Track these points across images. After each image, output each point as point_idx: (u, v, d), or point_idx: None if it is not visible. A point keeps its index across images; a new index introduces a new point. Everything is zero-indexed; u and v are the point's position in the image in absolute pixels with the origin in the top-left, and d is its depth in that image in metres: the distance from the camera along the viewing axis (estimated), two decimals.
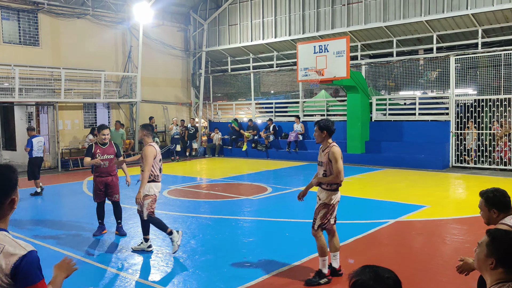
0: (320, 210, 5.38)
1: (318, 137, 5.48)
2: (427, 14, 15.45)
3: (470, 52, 14.94)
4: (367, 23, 16.81)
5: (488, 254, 2.28)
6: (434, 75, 16.07)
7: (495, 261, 2.24)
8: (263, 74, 20.96)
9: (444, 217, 8.46)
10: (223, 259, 6.20)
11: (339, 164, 5.23)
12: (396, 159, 15.54)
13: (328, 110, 18.67)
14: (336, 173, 5.24)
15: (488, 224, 3.38)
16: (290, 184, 12.27)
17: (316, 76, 15.22)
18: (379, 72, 17.23)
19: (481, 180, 12.61)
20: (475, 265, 2.44)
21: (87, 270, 5.85)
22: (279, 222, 8.30)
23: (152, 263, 6.15)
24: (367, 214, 8.80)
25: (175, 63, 21.85)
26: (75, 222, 8.51)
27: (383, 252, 6.52)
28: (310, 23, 18.40)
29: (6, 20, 16.19)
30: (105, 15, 18.68)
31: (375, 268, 1.75)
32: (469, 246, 6.41)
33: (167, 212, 9.11)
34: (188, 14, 21.97)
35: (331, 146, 5.37)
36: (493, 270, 2.26)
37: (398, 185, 12.16)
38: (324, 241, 5.40)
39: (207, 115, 22.83)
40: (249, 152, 19.67)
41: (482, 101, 14.57)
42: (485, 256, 2.30)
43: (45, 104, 16.93)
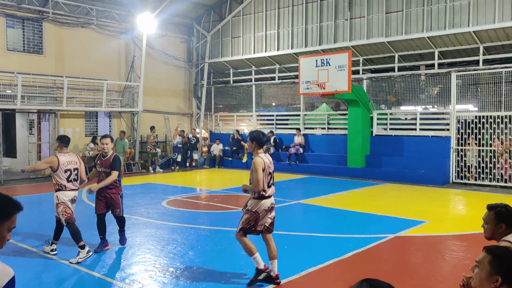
0: (244, 215, 5.65)
1: (249, 147, 5.78)
2: (429, 30, 15.56)
3: (471, 69, 15.01)
4: (369, 38, 16.92)
5: (493, 272, 2.25)
6: (435, 91, 16.12)
7: (501, 279, 2.21)
8: (265, 86, 21.04)
9: (444, 233, 8.42)
10: (221, 271, 6.16)
11: (258, 174, 5.44)
12: (397, 174, 15.51)
13: (329, 123, 18.71)
14: (255, 182, 5.47)
15: (489, 238, 3.34)
16: (290, 197, 12.24)
17: (317, 90, 15.27)
18: (380, 87, 17.29)
19: (482, 196, 12.57)
20: (474, 283, 2.40)
21: (80, 279, 5.81)
22: (278, 234, 8.24)
23: (149, 273, 6.11)
24: (367, 229, 8.76)
25: (177, 73, 21.95)
26: None
27: (382, 267, 6.48)
28: (313, 37, 18.52)
29: (10, 28, 16.31)
30: (109, 25, 18.82)
31: (373, 282, 1.75)
32: (469, 263, 6.36)
33: (166, 223, 9.08)
34: (192, 25, 22.13)
35: (255, 157, 5.60)
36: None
37: (398, 200, 12.12)
38: (247, 242, 5.60)
39: (208, 126, 22.87)
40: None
41: (482, 118, 14.59)
42: (488, 274, 2.26)
43: (46, 112, 16.97)
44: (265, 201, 5.57)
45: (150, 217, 9.68)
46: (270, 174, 5.63)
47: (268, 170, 5.58)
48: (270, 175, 5.62)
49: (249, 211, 5.60)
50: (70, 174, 6.87)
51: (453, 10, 15.09)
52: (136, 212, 10.05)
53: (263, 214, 5.57)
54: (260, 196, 5.55)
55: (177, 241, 7.70)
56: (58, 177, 6.81)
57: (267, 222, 5.63)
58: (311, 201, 11.71)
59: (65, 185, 6.82)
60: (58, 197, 6.80)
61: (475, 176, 14.73)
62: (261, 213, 5.56)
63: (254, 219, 5.56)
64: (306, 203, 11.43)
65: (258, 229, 5.61)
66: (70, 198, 6.87)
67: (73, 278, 5.88)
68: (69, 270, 6.21)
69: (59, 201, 6.79)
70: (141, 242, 7.56)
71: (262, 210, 5.56)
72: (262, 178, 5.44)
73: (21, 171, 7.48)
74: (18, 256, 6.76)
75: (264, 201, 5.56)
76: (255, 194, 5.56)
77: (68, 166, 6.87)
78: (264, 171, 5.49)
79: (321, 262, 6.44)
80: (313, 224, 9.30)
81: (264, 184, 5.49)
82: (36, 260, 6.67)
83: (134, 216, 9.61)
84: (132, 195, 12.62)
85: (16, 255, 6.80)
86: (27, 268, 6.32)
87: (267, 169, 5.54)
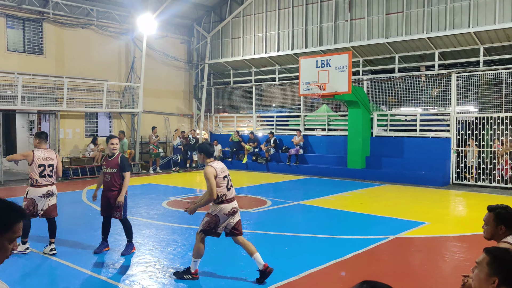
0: (205, 217, 5.87)
1: (199, 158, 6.12)
2: (429, 31, 15.56)
3: (472, 70, 15.01)
4: (369, 39, 16.92)
5: (491, 273, 2.25)
6: (436, 92, 16.12)
7: (498, 280, 2.22)
8: (265, 87, 21.04)
9: (444, 234, 8.42)
10: (221, 271, 6.16)
11: (210, 182, 5.66)
12: (397, 175, 15.50)
13: (329, 124, 18.71)
14: (208, 191, 5.72)
15: (489, 239, 3.34)
16: (290, 198, 12.24)
17: (317, 91, 15.27)
18: (380, 88, 17.29)
19: (482, 198, 12.57)
20: (474, 284, 2.41)
21: (80, 280, 5.81)
22: (278, 235, 8.26)
23: (149, 274, 6.11)
24: (367, 230, 8.75)
25: (177, 74, 21.96)
26: (72, 232, 8.46)
27: (382, 268, 6.47)
28: (313, 38, 18.53)
29: (11, 29, 16.32)
30: (110, 26, 18.84)
31: (373, 283, 1.75)
32: (469, 264, 6.36)
33: (166, 224, 9.08)
34: (192, 26, 22.15)
35: (206, 167, 5.84)
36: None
37: (398, 201, 12.12)
38: (201, 246, 5.81)
39: (208, 126, 22.87)
40: (249, 165, 19.65)
41: (483, 119, 14.59)
42: (486, 275, 2.27)
43: (47, 113, 16.98)
44: (225, 206, 5.77)
45: (150, 218, 9.67)
46: (226, 177, 5.86)
47: (223, 175, 5.80)
48: (226, 178, 5.85)
49: (209, 214, 5.81)
50: (43, 170, 7.00)
51: (454, 11, 15.09)
52: (136, 213, 10.05)
53: (223, 218, 5.78)
54: (221, 201, 5.75)
55: (177, 242, 7.70)
56: (32, 172, 6.98)
57: (229, 226, 5.84)
58: (311, 202, 11.70)
59: (37, 180, 6.97)
60: (27, 193, 7.01)
61: (475, 177, 14.72)
62: (221, 217, 5.77)
63: (214, 222, 5.77)
64: (306, 204, 11.43)
65: (219, 231, 5.84)
66: (42, 193, 7.00)
67: (73, 279, 5.88)
68: (69, 271, 6.21)
69: (26, 196, 6.99)
70: (141, 243, 7.56)
71: (222, 214, 5.76)
72: (215, 185, 5.68)
73: None
74: (15, 256, 6.76)
75: (224, 205, 5.77)
76: (217, 200, 5.74)
77: (43, 161, 7.00)
78: (218, 177, 5.72)
79: (321, 263, 6.44)
80: (313, 225, 9.29)
81: (223, 189, 5.74)
82: (35, 261, 6.67)
83: (134, 217, 9.60)
84: (132, 196, 12.59)
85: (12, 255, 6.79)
86: (25, 268, 6.32)
87: (220, 175, 5.76)
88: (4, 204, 1.90)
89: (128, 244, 7.11)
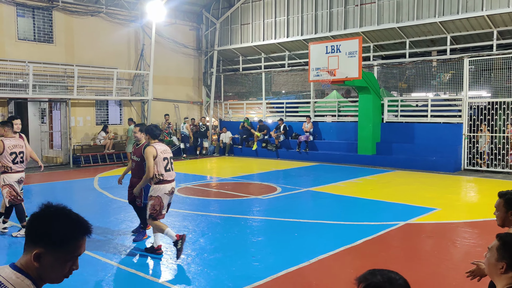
0: (149, 202, 6.21)
1: (144, 139, 6.68)
2: (441, 15, 15.31)
3: (485, 54, 14.78)
4: (380, 24, 16.71)
5: (499, 258, 2.26)
6: (447, 77, 15.92)
7: (506, 265, 2.22)
8: (275, 73, 20.94)
9: (455, 220, 8.38)
10: (232, 258, 6.21)
11: (148, 161, 6.07)
12: (407, 161, 15.42)
13: (340, 110, 18.60)
14: (146, 170, 6.13)
15: (502, 226, 3.32)
16: (300, 185, 12.25)
17: (327, 77, 15.17)
18: (391, 73, 17.11)
19: (494, 183, 12.47)
20: (485, 270, 2.42)
21: (94, 267, 5.90)
22: (288, 222, 8.29)
23: (161, 261, 6.18)
24: (377, 216, 8.75)
25: (187, 61, 21.93)
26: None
27: (393, 255, 6.48)
28: (323, 23, 18.34)
29: (21, 17, 16.38)
30: (119, 13, 18.82)
31: (382, 271, 1.75)
32: (480, 250, 6.34)
33: (177, 210, 9.15)
34: (201, 13, 22.03)
35: (148, 146, 6.26)
36: (503, 274, 2.24)
37: (408, 187, 12.07)
38: (157, 223, 6.18)
39: (217, 114, 22.88)
40: (259, 152, 19.67)
41: (496, 104, 14.40)
42: (495, 260, 2.27)
43: (58, 101, 17.10)
44: (165, 186, 6.17)
45: None
46: (166, 159, 6.20)
47: (163, 156, 6.16)
48: (166, 160, 6.20)
49: (152, 197, 6.15)
50: (15, 157, 7.24)
51: None
52: None
53: (165, 197, 6.20)
54: (159, 181, 6.13)
55: (188, 228, 7.77)
56: (5, 160, 7.16)
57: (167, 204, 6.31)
58: (321, 188, 11.71)
59: (11, 167, 7.20)
60: (4, 180, 7.18)
61: (487, 163, 14.59)
62: (163, 196, 6.17)
63: (158, 203, 6.12)
64: (316, 191, 11.44)
65: (163, 212, 6.24)
66: (17, 179, 7.26)
67: (84, 264, 5.97)
68: (82, 257, 6.30)
69: (4, 183, 7.18)
70: (152, 230, 7.63)
71: (163, 194, 6.16)
72: (152, 165, 6.06)
73: None
74: None
75: (164, 185, 6.16)
76: (154, 180, 6.13)
77: (14, 149, 7.24)
78: (157, 158, 6.09)
79: (331, 249, 6.46)
80: (323, 211, 9.31)
81: (161, 169, 6.11)
82: None
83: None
84: None
85: None
86: None
87: (160, 155, 6.13)
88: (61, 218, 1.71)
89: (141, 231, 7.18)
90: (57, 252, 1.66)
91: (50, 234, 1.66)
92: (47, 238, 1.66)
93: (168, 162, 6.21)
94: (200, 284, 5.31)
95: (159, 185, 6.13)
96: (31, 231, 1.69)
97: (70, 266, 1.72)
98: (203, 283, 5.32)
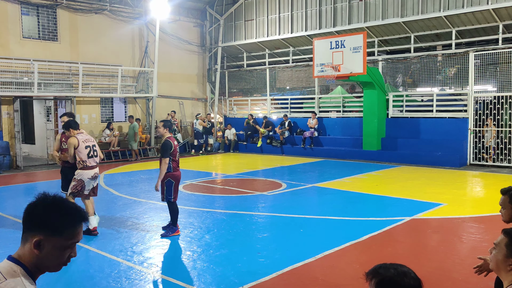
0: (72, 182, 7.11)
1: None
2: (446, 9, 15.21)
3: (490, 48, 14.68)
4: (384, 18, 16.63)
5: (509, 254, 2.23)
6: (453, 71, 15.83)
7: None
8: (279, 69, 20.90)
9: (461, 215, 8.36)
10: (237, 254, 6.23)
11: (69, 150, 7.05)
12: (413, 156, 15.38)
13: (344, 106, 18.56)
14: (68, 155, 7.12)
15: (508, 222, 3.31)
16: (305, 181, 12.25)
17: (332, 72, 15.13)
18: (396, 68, 17.04)
19: (500, 178, 12.41)
20: (491, 266, 2.40)
21: (100, 263, 5.93)
22: (294, 218, 8.29)
23: (167, 257, 6.20)
24: (383, 211, 8.74)
25: (191, 58, 21.94)
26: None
27: (399, 250, 6.47)
28: (327, 19, 18.27)
29: (25, 16, 16.43)
30: (123, 11, 18.83)
31: (394, 265, 1.75)
32: (487, 245, 6.32)
33: (182, 207, 9.16)
34: (205, 9, 22.01)
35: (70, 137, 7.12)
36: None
37: (414, 182, 12.04)
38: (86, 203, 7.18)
39: (222, 110, 22.88)
40: (264, 148, 19.67)
41: (502, 98, 14.31)
42: (504, 256, 2.25)
43: (63, 99, 17.16)
44: (88, 171, 7.08)
45: None
46: (89, 147, 7.06)
47: (84, 145, 7.03)
48: (89, 148, 7.06)
49: (75, 179, 7.06)
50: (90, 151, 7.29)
51: None
52: (153, 197, 10.17)
53: (88, 181, 7.10)
54: (83, 167, 7.04)
55: (194, 224, 7.79)
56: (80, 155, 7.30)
57: (90, 188, 7.18)
58: (326, 184, 11.70)
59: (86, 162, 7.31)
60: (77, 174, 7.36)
61: (493, 158, 14.52)
62: (86, 181, 7.08)
63: (80, 185, 7.05)
64: (321, 187, 11.43)
65: (85, 193, 7.13)
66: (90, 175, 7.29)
67: (92, 262, 6.00)
68: (88, 253, 6.34)
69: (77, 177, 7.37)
70: (158, 226, 7.66)
71: (86, 178, 7.07)
72: (72, 153, 7.01)
73: None
74: None
75: (87, 171, 7.07)
76: (79, 165, 7.01)
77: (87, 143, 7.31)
78: (80, 147, 6.97)
79: (337, 245, 6.46)
80: (328, 207, 9.31)
81: (84, 156, 7.00)
82: None
83: (151, 201, 9.74)
84: (148, 180, 12.76)
85: None
86: None
87: (82, 145, 6.99)
88: (58, 206, 1.74)
89: (170, 227, 7.14)
90: (57, 238, 1.71)
91: (50, 221, 1.70)
92: (46, 225, 1.70)
93: (90, 149, 7.04)
94: (206, 280, 5.33)
95: (83, 170, 7.03)
96: (30, 220, 1.73)
97: (69, 253, 1.76)
98: (209, 279, 5.34)
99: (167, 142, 7.01)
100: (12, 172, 14.85)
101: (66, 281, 5.31)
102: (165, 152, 6.97)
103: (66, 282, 5.30)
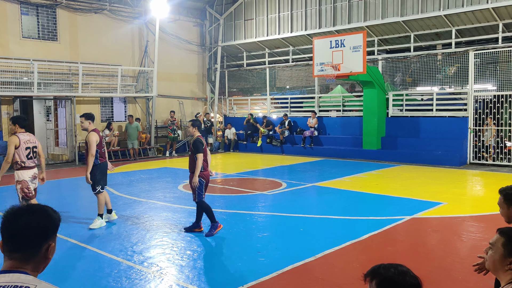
0: (16, 186, 7.04)
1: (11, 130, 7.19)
2: (446, 8, 15.21)
3: (490, 47, 14.67)
4: (384, 18, 16.62)
5: (506, 254, 2.23)
6: (452, 70, 15.83)
7: None
8: (279, 69, 20.90)
9: (461, 214, 8.36)
10: (237, 253, 6.22)
11: (9, 149, 6.85)
12: (413, 156, 15.38)
13: (344, 105, 18.56)
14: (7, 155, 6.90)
15: (509, 222, 3.31)
16: (305, 180, 12.25)
17: (332, 71, 15.12)
18: (396, 67, 17.04)
19: (500, 177, 12.42)
20: (488, 265, 2.38)
21: (100, 263, 5.93)
22: (294, 217, 8.29)
23: (167, 256, 6.21)
24: (383, 211, 8.74)
25: (191, 58, 21.93)
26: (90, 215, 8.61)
27: (399, 249, 6.47)
28: (327, 18, 18.27)
29: (25, 15, 16.42)
30: (122, 10, 18.83)
31: (394, 265, 1.75)
32: (487, 244, 6.29)
33: (183, 206, 9.18)
34: (204, 9, 22.01)
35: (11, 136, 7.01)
36: (510, 270, 2.22)
37: (414, 181, 12.04)
38: None
39: (222, 110, 22.88)
40: (264, 148, 19.67)
41: (502, 97, 14.31)
42: (502, 256, 2.25)
43: (63, 98, 17.16)
44: (27, 171, 7.01)
45: (167, 201, 9.79)
46: (29, 148, 6.97)
47: (25, 146, 6.92)
48: (29, 149, 6.97)
49: (18, 181, 6.99)
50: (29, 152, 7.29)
51: None
52: (153, 196, 10.18)
53: (30, 180, 7.02)
54: (21, 167, 6.96)
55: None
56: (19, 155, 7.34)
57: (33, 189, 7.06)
58: (326, 183, 11.70)
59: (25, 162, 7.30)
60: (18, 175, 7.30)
61: (493, 157, 14.52)
62: (28, 180, 7.00)
63: (26, 186, 6.98)
64: (321, 186, 11.43)
65: (30, 195, 7.03)
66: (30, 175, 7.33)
67: (93, 262, 6.00)
68: (88, 253, 6.34)
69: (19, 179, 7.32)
70: (158, 226, 7.67)
71: (27, 177, 7.00)
72: (12, 152, 6.82)
73: None
74: None
75: (26, 171, 7.00)
76: (16, 166, 6.92)
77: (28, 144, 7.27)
78: (20, 147, 6.84)
79: (337, 244, 6.46)
80: (328, 206, 9.31)
81: (23, 157, 6.91)
82: None
83: (151, 200, 9.74)
84: (148, 179, 12.77)
85: None
86: None
87: (23, 145, 6.87)
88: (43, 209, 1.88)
89: (212, 225, 7.13)
90: (55, 238, 1.86)
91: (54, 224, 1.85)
92: (54, 229, 1.84)
93: (30, 151, 6.98)
94: (206, 279, 5.33)
95: (21, 170, 6.97)
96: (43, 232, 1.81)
97: None
98: (209, 279, 5.34)
99: (199, 140, 7.18)
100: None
101: (66, 281, 5.31)
102: (199, 148, 7.10)
103: (66, 282, 5.30)
